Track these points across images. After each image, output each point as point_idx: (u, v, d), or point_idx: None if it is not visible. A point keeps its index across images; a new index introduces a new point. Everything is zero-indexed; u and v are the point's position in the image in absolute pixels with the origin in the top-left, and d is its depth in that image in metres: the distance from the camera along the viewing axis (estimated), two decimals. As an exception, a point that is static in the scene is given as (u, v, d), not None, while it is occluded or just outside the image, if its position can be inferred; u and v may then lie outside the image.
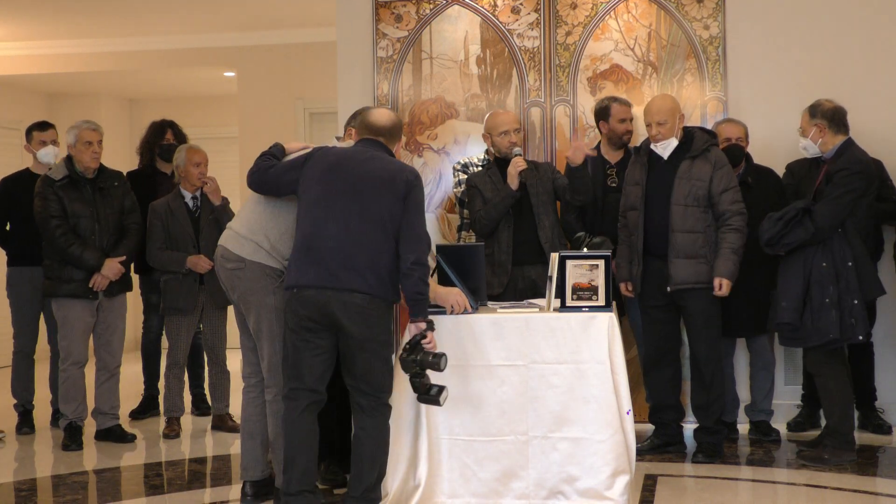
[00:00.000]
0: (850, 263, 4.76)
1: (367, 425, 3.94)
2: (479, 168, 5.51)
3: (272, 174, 4.15)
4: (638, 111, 5.59)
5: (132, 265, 5.92)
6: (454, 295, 4.24)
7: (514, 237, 5.15)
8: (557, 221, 5.26)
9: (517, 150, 5.15)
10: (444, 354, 3.92)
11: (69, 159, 5.65)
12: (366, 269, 3.86)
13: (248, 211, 4.31)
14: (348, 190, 3.94)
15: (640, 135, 5.57)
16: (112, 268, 5.57)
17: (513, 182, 5.09)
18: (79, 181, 5.62)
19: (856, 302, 4.74)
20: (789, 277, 4.82)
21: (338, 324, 3.88)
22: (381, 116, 4.19)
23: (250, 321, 4.26)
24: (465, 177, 5.48)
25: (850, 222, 4.81)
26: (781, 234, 4.77)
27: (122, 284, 5.74)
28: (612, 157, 5.56)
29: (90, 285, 5.55)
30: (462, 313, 4.22)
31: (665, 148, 5.02)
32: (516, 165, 5.08)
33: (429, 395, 3.91)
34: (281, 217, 4.20)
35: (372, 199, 3.92)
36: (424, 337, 3.93)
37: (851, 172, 4.78)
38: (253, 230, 4.22)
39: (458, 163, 5.82)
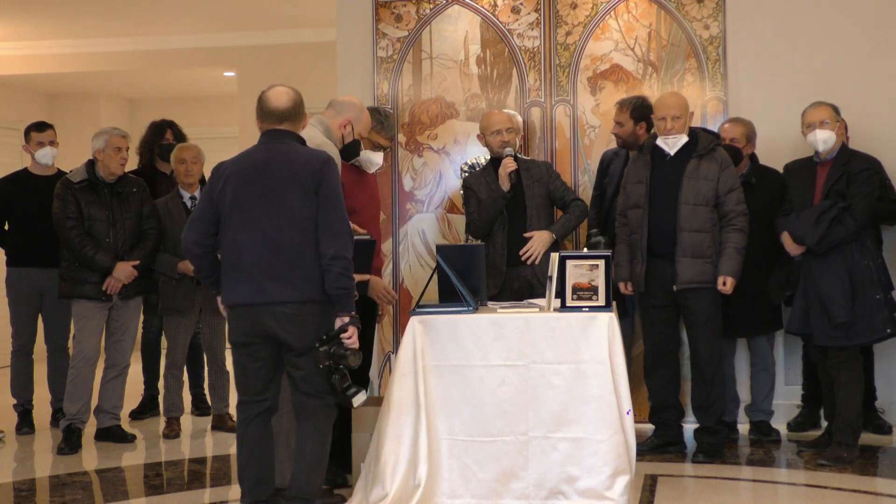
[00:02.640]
0: (880, 260, 4.95)
1: (309, 427, 3.85)
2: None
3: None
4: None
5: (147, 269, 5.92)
6: (378, 289, 4.54)
7: (509, 238, 5.13)
8: (554, 221, 5.22)
9: (508, 150, 5.13)
10: (359, 351, 3.78)
11: (91, 163, 5.68)
12: (292, 276, 3.75)
13: None
14: (256, 197, 3.80)
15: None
16: (124, 270, 5.57)
17: (503, 183, 5.08)
18: (97, 185, 5.64)
19: (890, 297, 4.90)
20: (832, 277, 4.85)
21: (274, 335, 3.79)
22: (280, 98, 3.88)
23: None
24: None
25: None
26: (825, 233, 4.84)
27: (138, 288, 5.75)
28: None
29: (104, 288, 5.57)
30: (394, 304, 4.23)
31: (675, 143, 5.00)
32: (505, 167, 5.07)
33: (345, 394, 3.76)
34: None
35: (282, 202, 3.77)
36: (345, 331, 3.76)
37: (874, 171, 4.97)
38: None
39: (465, 163, 5.81)
